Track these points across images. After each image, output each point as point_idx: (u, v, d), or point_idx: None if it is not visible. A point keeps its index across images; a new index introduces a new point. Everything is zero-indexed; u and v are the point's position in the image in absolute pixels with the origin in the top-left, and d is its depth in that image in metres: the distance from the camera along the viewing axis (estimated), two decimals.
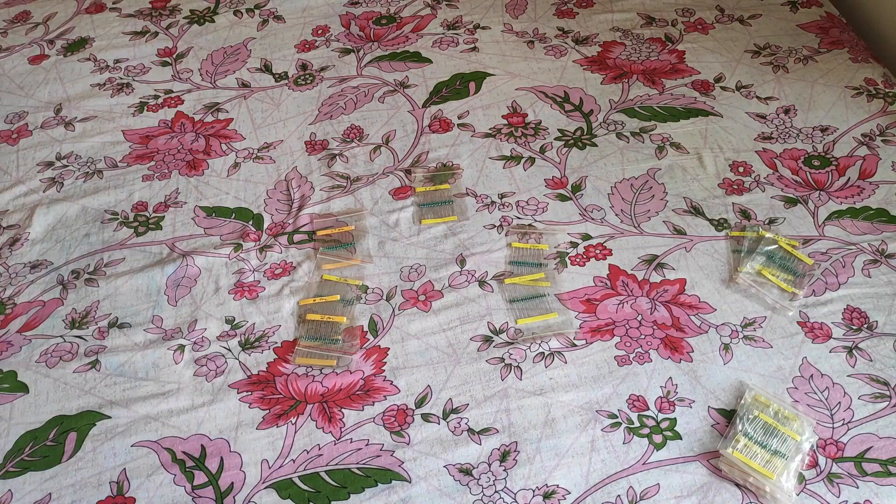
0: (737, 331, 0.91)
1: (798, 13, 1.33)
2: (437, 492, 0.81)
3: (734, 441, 0.80)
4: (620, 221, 1.04)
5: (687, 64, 1.25)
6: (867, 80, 1.20)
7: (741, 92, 1.20)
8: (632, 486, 0.80)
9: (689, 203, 1.05)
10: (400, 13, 1.40)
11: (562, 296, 0.96)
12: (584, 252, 1.00)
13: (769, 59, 1.25)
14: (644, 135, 1.15)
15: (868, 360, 0.88)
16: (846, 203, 1.04)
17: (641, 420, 0.85)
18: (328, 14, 1.41)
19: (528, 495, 0.80)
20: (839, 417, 0.84)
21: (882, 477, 0.79)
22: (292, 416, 0.87)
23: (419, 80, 1.26)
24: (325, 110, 1.23)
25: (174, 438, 0.86)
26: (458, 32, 1.35)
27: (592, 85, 1.23)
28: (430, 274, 0.99)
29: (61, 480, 0.84)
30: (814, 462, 0.81)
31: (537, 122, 1.18)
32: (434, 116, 1.20)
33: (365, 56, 1.32)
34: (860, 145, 1.11)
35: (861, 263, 0.97)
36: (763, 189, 1.06)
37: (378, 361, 0.92)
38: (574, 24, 1.35)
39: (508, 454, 0.83)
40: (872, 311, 0.92)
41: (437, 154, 1.14)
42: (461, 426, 0.85)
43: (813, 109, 1.17)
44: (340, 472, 0.83)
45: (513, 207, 1.06)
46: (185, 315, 0.97)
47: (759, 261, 0.96)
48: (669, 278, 0.97)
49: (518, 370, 0.89)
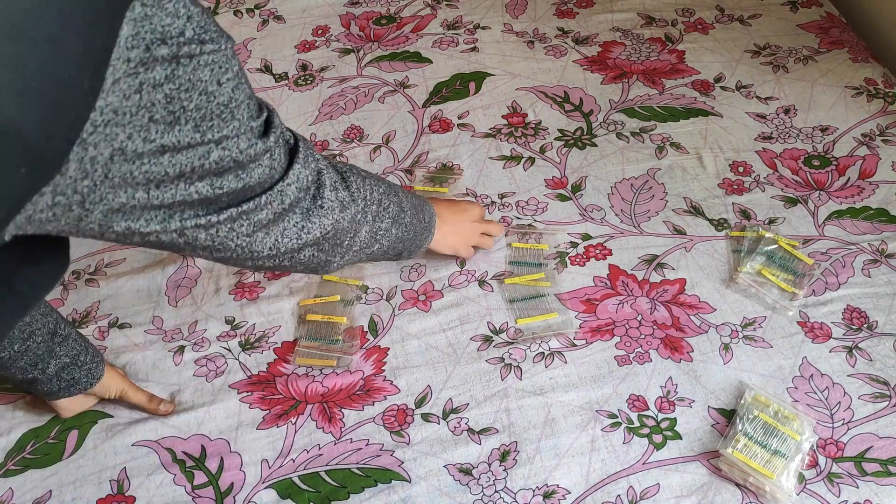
0: (737, 331, 0.92)
1: (798, 13, 1.34)
2: (436, 491, 0.81)
3: (734, 441, 0.81)
4: (620, 221, 1.04)
5: (687, 64, 1.25)
6: (867, 79, 1.20)
7: (741, 92, 1.20)
8: (632, 485, 0.80)
9: (689, 203, 1.05)
10: (400, 13, 1.40)
11: (562, 296, 0.96)
12: (584, 252, 1.00)
13: (769, 58, 1.25)
14: (644, 135, 1.15)
15: (868, 359, 0.88)
16: (846, 203, 1.04)
17: (641, 420, 0.85)
18: (328, 14, 1.41)
19: (528, 495, 0.80)
20: (839, 417, 0.84)
21: (882, 477, 0.79)
22: (292, 417, 0.87)
23: (419, 80, 1.26)
24: (326, 110, 1.23)
25: (174, 438, 0.86)
26: (458, 32, 1.35)
27: (592, 85, 1.23)
28: (430, 274, 1.00)
29: (62, 478, 0.84)
30: (814, 462, 0.81)
31: (537, 122, 1.18)
32: (434, 116, 1.20)
33: (365, 56, 1.32)
34: (860, 145, 1.11)
35: (861, 263, 0.97)
36: (763, 189, 1.06)
37: (378, 361, 0.92)
38: (574, 24, 1.35)
39: (508, 454, 0.83)
40: (872, 310, 0.92)
41: (437, 154, 1.14)
42: (461, 426, 0.85)
43: (813, 109, 1.17)
44: (340, 471, 0.83)
45: (513, 207, 1.06)
46: (186, 316, 0.98)
47: (759, 261, 0.97)
48: (669, 278, 0.97)
49: (518, 370, 0.89)
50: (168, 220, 0.50)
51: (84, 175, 0.42)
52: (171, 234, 0.52)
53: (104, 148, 0.42)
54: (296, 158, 0.60)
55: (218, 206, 0.53)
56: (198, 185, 0.50)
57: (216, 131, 0.48)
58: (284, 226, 0.62)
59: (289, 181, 0.59)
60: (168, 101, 0.44)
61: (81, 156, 0.41)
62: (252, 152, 0.53)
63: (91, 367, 0.82)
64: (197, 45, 0.44)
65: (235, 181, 0.53)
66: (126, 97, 0.41)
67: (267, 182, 0.57)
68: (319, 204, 0.64)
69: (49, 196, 0.42)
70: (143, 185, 0.46)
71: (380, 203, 0.76)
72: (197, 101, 0.46)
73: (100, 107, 0.40)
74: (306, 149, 0.62)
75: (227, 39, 0.47)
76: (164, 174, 0.47)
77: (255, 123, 0.53)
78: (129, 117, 0.42)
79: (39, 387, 0.81)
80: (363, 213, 0.73)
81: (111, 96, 0.41)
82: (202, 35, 0.45)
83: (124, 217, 0.48)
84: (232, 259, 0.61)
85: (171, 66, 0.43)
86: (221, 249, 0.58)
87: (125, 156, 0.44)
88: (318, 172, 0.65)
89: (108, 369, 0.85)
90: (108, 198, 0.45)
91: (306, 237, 0.64)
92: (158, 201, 0.48)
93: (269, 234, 0.60)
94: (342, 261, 0.74)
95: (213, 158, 0.49)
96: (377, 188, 0.77)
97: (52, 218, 0.43)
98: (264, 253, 0.62)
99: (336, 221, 0.67)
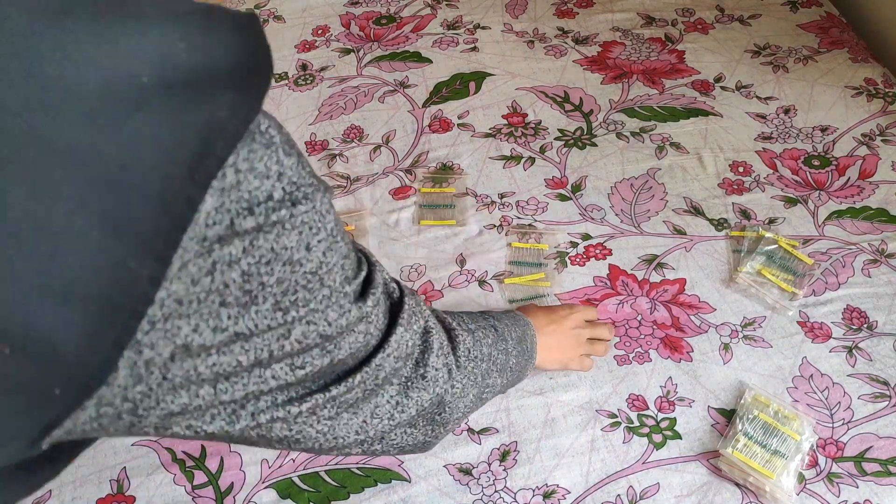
0: (737, 330, 0.92)
1: (798, 13, 1.34)
2: (436, 491, 0.81)
3: (734, 440, 0.80)
4: (620, 221, 1.04)
5: (687, 64, 1.25)
6: (867, 79, 1.20)
7: (741, 92, 1.20)
8: (632, 485, 0.80)
9: (689, 203, 1.05)
10: (400, 13, 1.40)
11: (562, 296, 0.96)
12: (584, 252, 1.00)
13: (769, 58, 1.25)
14: (644, 135, 1.15)
15: (868, 359, 0.88)
16: (846, 203, 1.04)
17: (641, 419, 0.85)
18: (328, 14, 1.41)
19: (528, 495, 0.80)
20: (839, 417, 0.84)
21: (882, 476, 0.79)
22: None
23: (419, 79, 1.26)
24: (325, 110, 1.23)
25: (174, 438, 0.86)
26: (458, 32, 1.35)
27: (592, 85, 1.23)
28: (430, 274, 1.00)
29: (62, 477, 0.84)
30: (814, 462, 0.81)
31: (537, 122, 1.18)
32: (434, 116, 1.20)
33: (365, 56, 1.32)
34: (860, 145, 1.11)
35: (861, 263, 0.97)
36: (763, 189, 1.06)
37: None
38: (574, 24, 1.35)
39: (508, 454, 0.83)
40: (872, 310, 0.92)
41: (437, 154, 1.14)
42: (461, 426, 0.85)
43: (813, 109, 1.17)
44: (340, 471, 0.83)
45: (513, 207, 1.06)
46: None
47: (759, 261, 0.96)
48: (669, 278, 0.97)
49: None
50: (237, 414, 0.40)
51: (137, 381, 0.33)
52: (241, 431, 0.41)
53: (163, 347, 0.33)
54: (398, 320, 0.48)
55: (300, 391, 0.42)
56: (274, 367, 0.39)
57: (301, 306, 0.38)
58: (377, 402, 0.49)
59: (388, 351, 0.47)
60: (245, 279, 0.34)
61: (134, 360, 0.32)
62: (344, 322, 0.41)
63: None
64: (287, 210, 0.34)
65: (321, 357, 0.41)
66: (194, 282, 0.32)
67: (361, 352, 0.45)
68: (422, 374, 0.52)
69: (92, 409, 0.33)
70: (209, 381, 0.36)
71: (490, 357, 0.63)
72: (280, 273, 0.36)
73: (160, 299, 0.31)
74: (412, 303, 0.50)
75: (325, 191, 0.37)
76: (237, 364, 0.37)
77: (351, 288, 0.42)
78: (196, 305, 0.33)
79: None
80: (472, 376, 0.60)
81: (175, 284, 0.31)
82: (294, 193, 0.35)
83: (186, 418, 0.38)
84: (314, 450, 0.48)
85: (251, 237, 0.33)
86: (301, 441, 0.46)
87: (189, 352, 0.34)
88: (424, 334, 0.52)
89: None
90: (166, 400, 0.35)
91: (401, 416, 0.51)
92: (228, 396, 0.38)
93: (356, 415, 0.48)
94: (445, 433, 0.59)
95: (294, 337, 0.38)
96: (486, 338, 0.64)
97: (98, 428, 0.34)
98: (350, 438, 0.49)
99: (438, 395, 0.54)
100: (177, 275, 0.31)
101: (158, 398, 0.35)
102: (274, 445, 0.46)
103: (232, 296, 0.34)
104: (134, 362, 0.32)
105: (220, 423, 0.40)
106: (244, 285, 0.34)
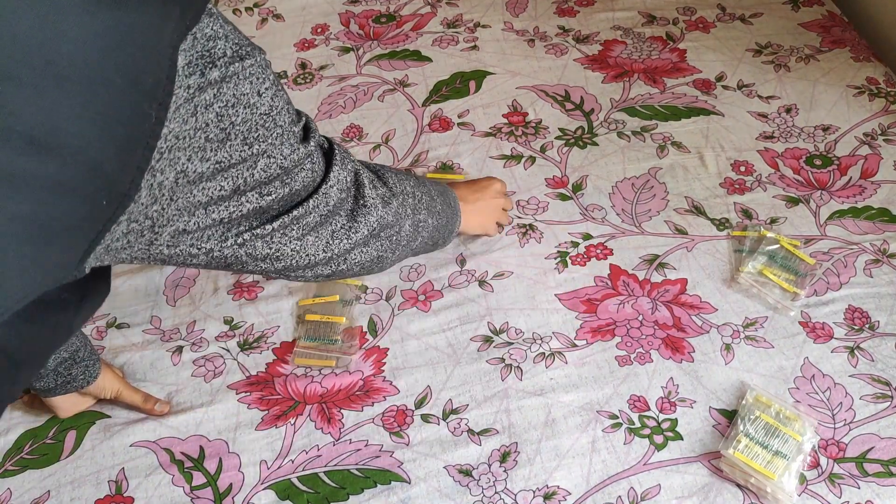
0: (738, 331, 0.91)
1: (800, 12, 1.33)
2: (436, 493, 0.80)
3: (735, 441, 0.80)
4: (621, 221, 1.03)
5: (688, 63, 1.25)
6: (869, 79, 1.19)
7: (742, 91, 1.20)
8: (633, 486, 0.80)
9: (691, 202, 1.05)
10: (400, 11, 1.40)
11: (562, 296, 0.96)
12: (584, 252, 1.00)
13: (771, 57, 1.25)
14: (645, 134, 1.14)
15: (870, 360, 0.88)
16: (848, 202, 1.03)
17: (642, 420, 0.84)
18: (327, 12, 1.41)
19: (529, 496, 0.80)
20: (841, 418, 0.83)
21: (884, 477, 0.79)
22: (291, 417, 0.87)
23: (419, 78, 1.26)
24: (325, 109, 1.22)
25: (173, 439, 0.86)
26: (458, 31, 1.35)
27: (593, 84, 1.23)
28: (430, 274, 0.99)
29: (60, 478, 0.84)
30: (815, 462, 0.80)
31: (538, 121, 1.18)
32: (434, 115, 1.20)
33: (364, 54, 1.32)
34: (862, 144, 1.10)
35: (863, 263, 0.96)
36: (765, 188, 1.06)
37: (377, 362, 0.91)
38: (575, 23, 1.34)
39: (508, 455, 0.83)
40: (874, 310, 0.92)
41: (437, 153, 1.14)
42: (461, 427, 0.85)
43: (814, 108, 1.16)
44: (339, 472, 0.82)
45: (513, 207, 1.06)
46: (184, 315, 0.97)
47: (761, 261, 0.96)
48: (671, 278, 0.97)
49: (518, 370, 0.89)
50: (227, 234, 0.54)
51: (153, 200, 0.45)
52: (232, 248, 0.56)
53: (169, 172, 0.45)
54: (333, 161, 0.63)
55: (270, 214, 0.57)
56: (248, 195, 0.53)
57: (262, 141, 0.51)
58: (333, 228, 0.64)
59: (330, 183, 0.62)
60: (219, 119, 0.47)
61: (151, 182, 0.44)
62: (295, 157, 0.56)
63: (88, 363, 0.82)
64: (238, 63, 0.47)
65: (282, 187, 0.56)
66: (185, 121, 0.44)
67: (311, 185, 0.60)
68: (362, 203, 0.67)
69: (125, 224, 0.44)
70: (203, 204, 0.50)
71: (414, 195, 0.78)
72: (243, 114, 0.49)
73: (164, 134, 0.43)
74: (341, 151, 0.65)
75: (260, 51, 0.50)
76: (221, 189, 0.50)
77: (297, 128, 0.56)
78: (188, 140, 0.45)
79: (36, 383, 0.81)
80: (403, 207, 0.74)
81: (173, 123, 0.43)
82: (239, 51, 0.48)
83: (189, 236, 0.51)
84: (291, 268, 0.64)
85: (218, 86, 0.46)
86: (281, 258, 0.61)
87: (187, 177, 0.47)
88: (355, 173, 0.67)
89: (105, 369, 0.85)
90: (174, 219, 0.49)
91: (355, 237, 0.67)
92: (217, 216, 0.52)
93: (319, 237, 0.63)
94: (394, 256, 0.76)
95: (260, 167, 0.52)
96: (408, 181, 0.78)
97: (127, 245, 0.47)
98: (319, 257, 0.64)
99: (381, 217, 0.70)
100: (173, 116, 0.43)
101: (169, 216, 0.48)
102: (260, 265, 0.60)
103: (212, 133, 0.47)
104: (151, 184, 0.44)
105: (214, 243, 0.54)
106: (219, 124, 0.47)
